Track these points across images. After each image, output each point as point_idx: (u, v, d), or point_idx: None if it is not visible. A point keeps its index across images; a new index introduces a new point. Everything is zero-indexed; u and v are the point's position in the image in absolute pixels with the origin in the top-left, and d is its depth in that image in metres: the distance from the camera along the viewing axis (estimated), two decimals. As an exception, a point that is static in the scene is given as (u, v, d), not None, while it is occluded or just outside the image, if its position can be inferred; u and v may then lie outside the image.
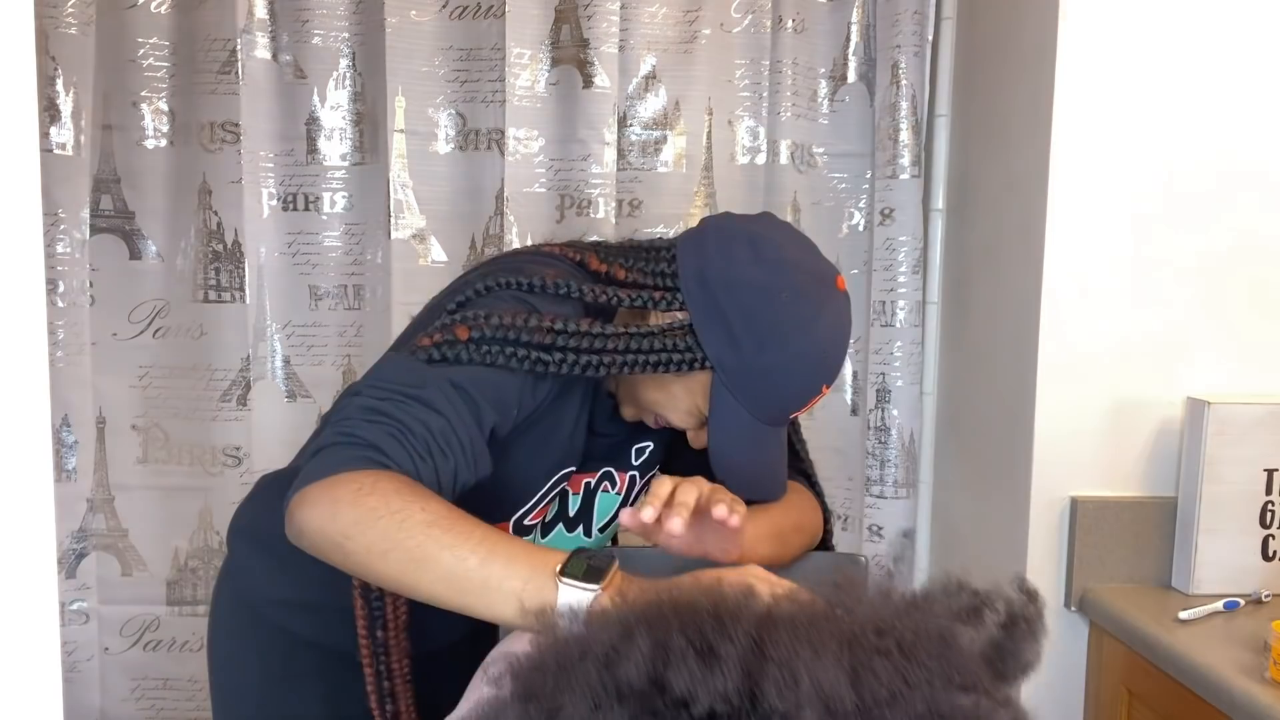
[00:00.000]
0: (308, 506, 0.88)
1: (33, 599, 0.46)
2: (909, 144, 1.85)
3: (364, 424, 0.91)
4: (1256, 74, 1.51)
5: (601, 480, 1.19)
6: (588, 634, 0.55)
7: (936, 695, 0.51)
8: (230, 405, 1.80)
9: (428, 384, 0.95)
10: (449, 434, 0.93)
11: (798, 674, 0.49)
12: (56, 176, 1.69)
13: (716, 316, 1.04)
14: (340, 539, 0.86)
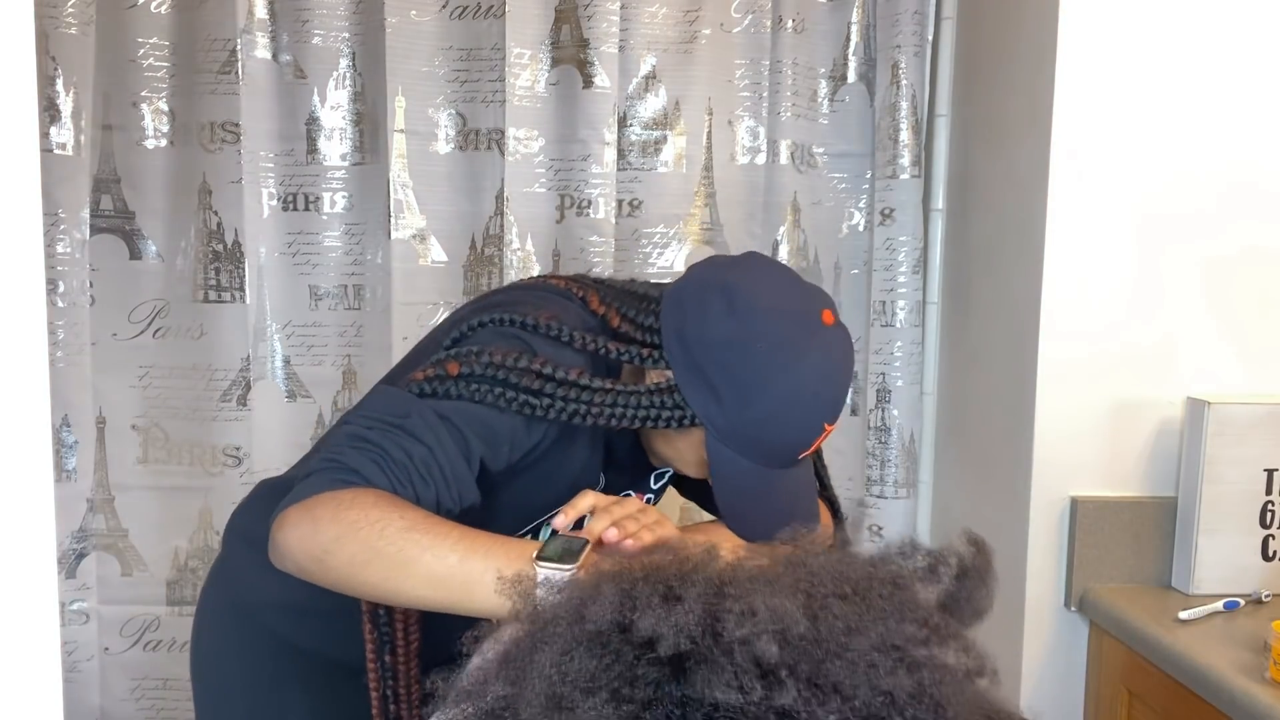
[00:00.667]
0: (288, 528, 0.90)
1: (33, 599, 0.46)
2: (909, 144, 1.85)
3: (348, 450, 0.93)
4: (1255, 74, 1.51)
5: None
6: (560, 598, 0.58)
7: (890, 627, 0.53)
8: (230, 405, 1.80)
9: (413, 414, 0.96)
10: (430, 463, 0.94)
11: (755, 605, 0.52)
12: (56, 176, 1.69)
13: (697, 374, 1.03)
14: (321, 554, 0.87)
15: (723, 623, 0.52)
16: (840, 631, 0.52)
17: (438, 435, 0.96)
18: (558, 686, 0.53)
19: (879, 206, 1.89)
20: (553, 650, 0.55)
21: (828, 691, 0.50)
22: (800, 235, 1.93)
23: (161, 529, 1.82)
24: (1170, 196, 1.52)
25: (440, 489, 0.95)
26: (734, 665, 0.50)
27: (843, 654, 0.52)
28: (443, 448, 0.95)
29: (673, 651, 0.51)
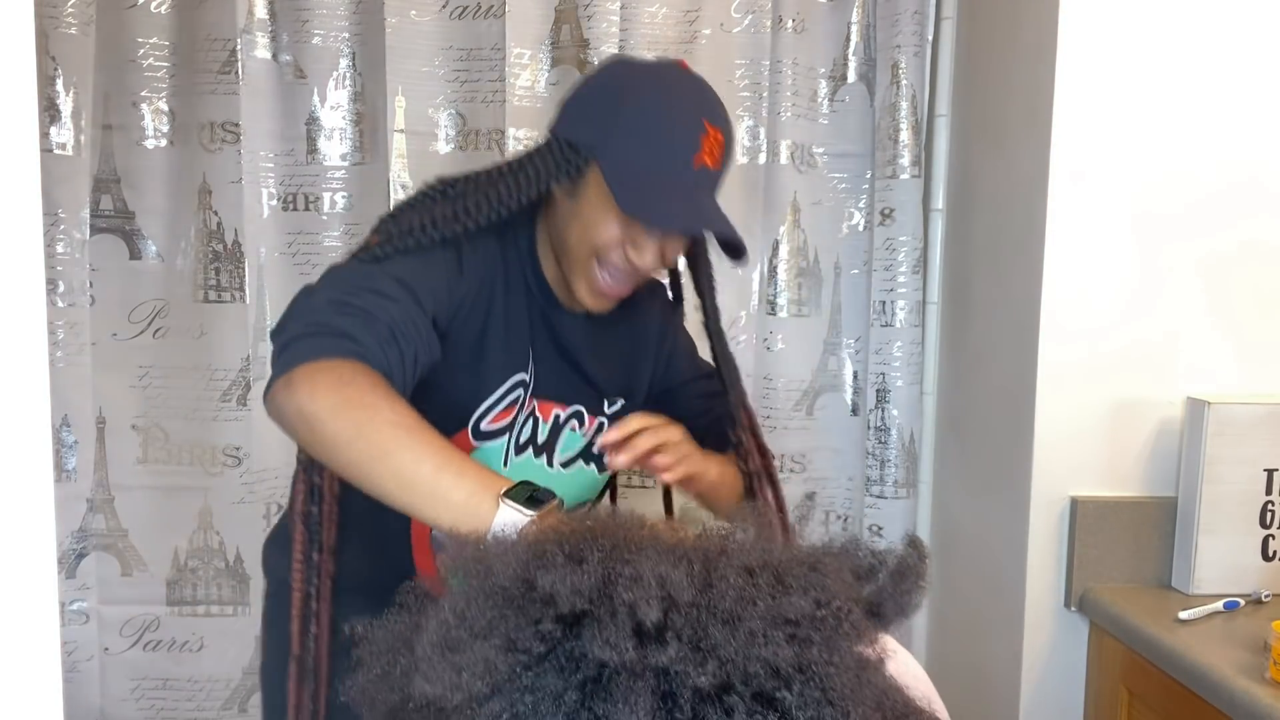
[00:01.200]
0: (291, 388, 0.93)
1: (33, 599, 0.46)
2: (909, 144, 1.85)
3: (333, 315, 0.98)
4: (1255, 73, 1.51)
5: (571, 418, 1.22)
6: (483, 553, 0.61)
7: (788, 602, 0.56)
8: (230, 405, 1.80)
9: (377, 278, 1.02)
10: (406, 321, 1.00)
11: (643, 571, 0.55)
12: (56, 176, 1.69)
13: (572, 114, 1.13)
14: (313, 420, 0.91)
15: (614, 586, 0.55)
16: (731, 600, 0.55)
17: (404, 295, 1.02)
18: (453, 630, 0.56)
19: (879, 206, 1.89)
20: (457, 595, 0.58)
21: (707, 654, 0.53)
22: (800, 235, 1.93)
23: (161, 529, 1.82)
24: (1170, 196, 1.52)
25: (418, 345, 1.01)
26: (617, 625, 0.53)
27: (729, 621, 0.54)
28: (412, 305, 1.02)
29: (569, 609, 0.54)
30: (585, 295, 1.16)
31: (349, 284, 1.02)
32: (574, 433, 1.23)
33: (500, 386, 1.15)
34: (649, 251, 1.12)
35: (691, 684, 0.52)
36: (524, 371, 1.17)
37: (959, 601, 1.83)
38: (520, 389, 1.17)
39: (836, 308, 1.96)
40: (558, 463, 1.22)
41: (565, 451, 1.23)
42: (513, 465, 1.18)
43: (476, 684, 0.54)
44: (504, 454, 1.17)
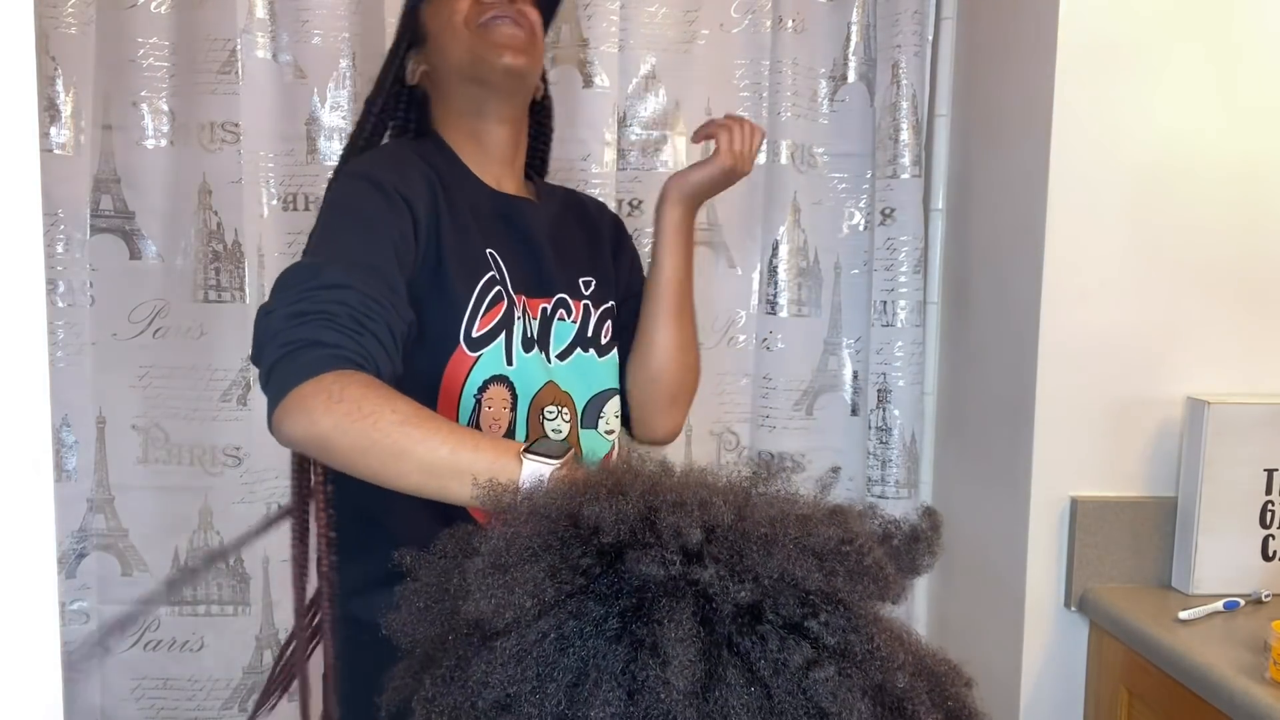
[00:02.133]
0: (288, 420, 0.95)
1: (33, 599, 0.46)
2: (909, 144, 1.85)
3: (295, 328, 0.98)
4: (1256, 73, 1.51)
5: (557, 308, 1.24)
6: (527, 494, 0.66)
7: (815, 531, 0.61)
8: (230, 405, 1.80)
9: (323, 270, 1.03)
10: (365, 301, 1.01)
11: (686, 498, 0.60)
12: (56, 176, 1.69)
13: None
14: (323, 442, 0.94)
15: (657, 512, 0.59)
16: (765, 526, 0.59)
17: (355, 274, 1.03)
18: (504, 554, 0.60)
19: (879, 206, 1.88)
20: (506, 527, 0.61)
21: (743, 575, 0.57)
22: (800, 235, 1.93)
23: (161, 529, 1.82)
24: (1170, 196, 1.52)
25: (387, 317, 1.02)
26: (661, 544, 0.57)
27: (763, 544, 0.58)
28: (365, 282, 1.03)
29: (613, 538, 0.58)
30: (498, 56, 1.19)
31: (298, 289, 1.02)
32: (563, 322, 1.25)
33: (471, 293, 1.16)
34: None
35: (730, 601, 0.56)
36: (490, 270, 1.18)
37: (959, 601, 1.83)
38: (498, 286, 1.18)
39: (836, 307, 1.96)
40: (554, 356, 1.23)
41: (560, 342, 1.24)
42: (519, 362, 1.18)
43: (526, 602, 0.57)
44: (505, 354, 1.17)
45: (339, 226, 1.10)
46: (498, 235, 1.21)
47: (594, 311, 1.28)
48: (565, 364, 1.24)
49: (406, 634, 0.65)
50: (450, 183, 1.21)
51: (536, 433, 1.19)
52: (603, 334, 1.29)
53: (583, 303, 1.27)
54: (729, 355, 1.92)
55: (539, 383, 1.19)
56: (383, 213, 1.10)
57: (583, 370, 1.25)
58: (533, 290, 1.22)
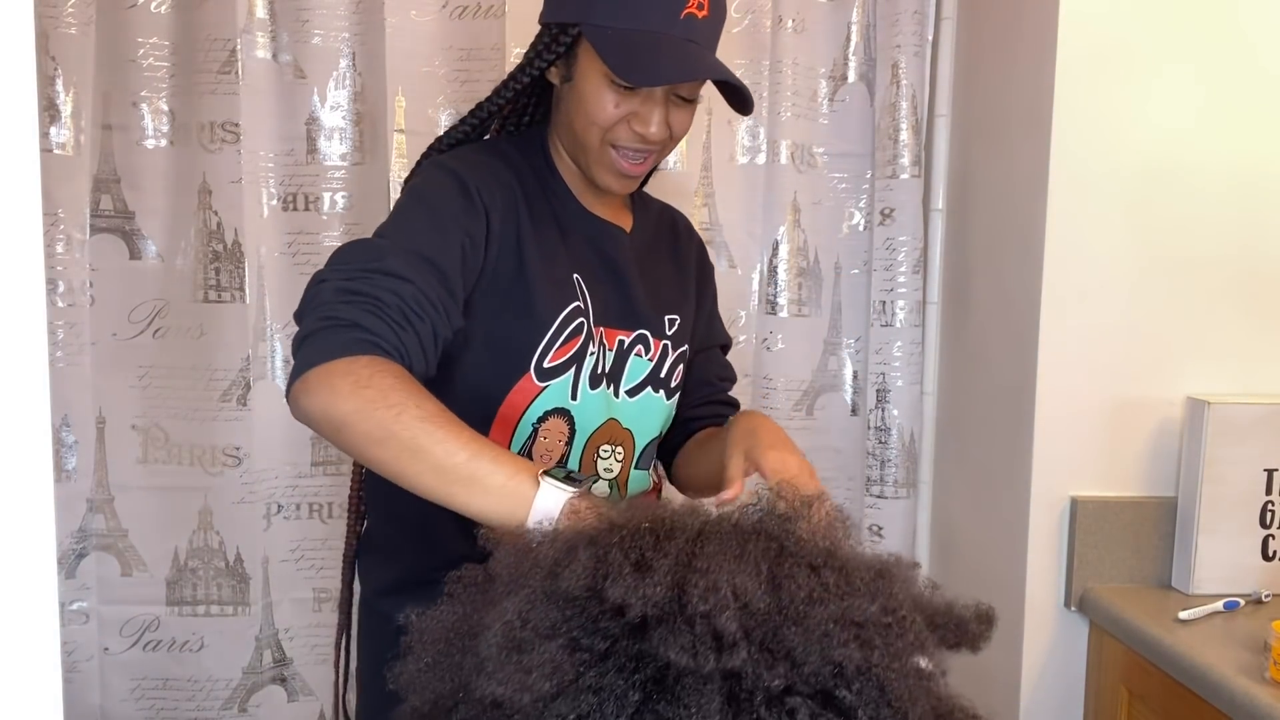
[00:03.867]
0: (310, 394, 0.93)
1: (33, 599, 0.46)
2: (909, 144, 1.85)
3: (341, 305, 0.96)
4: (1256, 73, 1.51)
5: (636, 343, 1.20)
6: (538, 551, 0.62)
7: (855, 605, 0.57)
8: (230, 405, 1.80)
9: (387, 255, 1.00)
10: (419, 298, 0.99)
11: (719, 581, 0.55)
12: (56, 176, 1.69)
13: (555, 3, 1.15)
14: (340, 424, 0.92)
15: (688, 595, 0.55)
16: (801, 600, 0.56)
17: (417, 269, 1.00)
18: (518, 631, 0.57)
19: (879, 206, 1.89)
20: (521, 598, 0.59)
21: (779, 657, 0.54)
22: (800, 235, 1.93)
23: (161, 529, 1.82)
24: (1170, 196, 1.52)
25: (435, 320, 1.00)
26: (694, 634, 0.54)
27: (800, 622, 0.55)
28: (424, 280, 1.00)
29: (640, 619, 0.55)
30: (607, 179, 1.15)
31: (355, 267, 1.00)
32: (640, 359, 1.21)
33: (554, 319, 1.12)
34: (653, 120, 1.10)
35: (763, 685, 0.53)
36: (576, 300, 1.15)
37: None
38: (581, 318, 1.14)
39: (836, 308, 1.96)
40: (624, 391, 1.19)
41: (632, 379, 1.20)
42: (584, 397, 1.15)
43: (543, 684, 0.55)
44: (571, 388, 1.14)
45: (414, 216, 1.08)
46: (585, 260, 1.18)
47: (671, 353, 1.24)
48: (634, 401, 1.20)
49: (412, 687, 0.63)
50: (542, 195, 1.17)
51: (589, 470, 1.17)
52: (674, 377, 1.25)
53: (663, 342, 1.23)
54: (729, 355, 1.92)
55: (599, 420, 1.16)
56: (459, 214, 1.08)
57: (649, 411, 1.22)
58: (614, 321, 1.18)
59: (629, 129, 1.11)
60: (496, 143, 1.22)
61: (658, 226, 1.31)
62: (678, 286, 1.29)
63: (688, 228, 1.37)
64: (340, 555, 1.36)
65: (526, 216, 1.13)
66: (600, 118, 1.10)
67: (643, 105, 1.10)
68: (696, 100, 1.15)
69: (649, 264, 1.24)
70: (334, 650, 1.34)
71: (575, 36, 1.10)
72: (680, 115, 1.14)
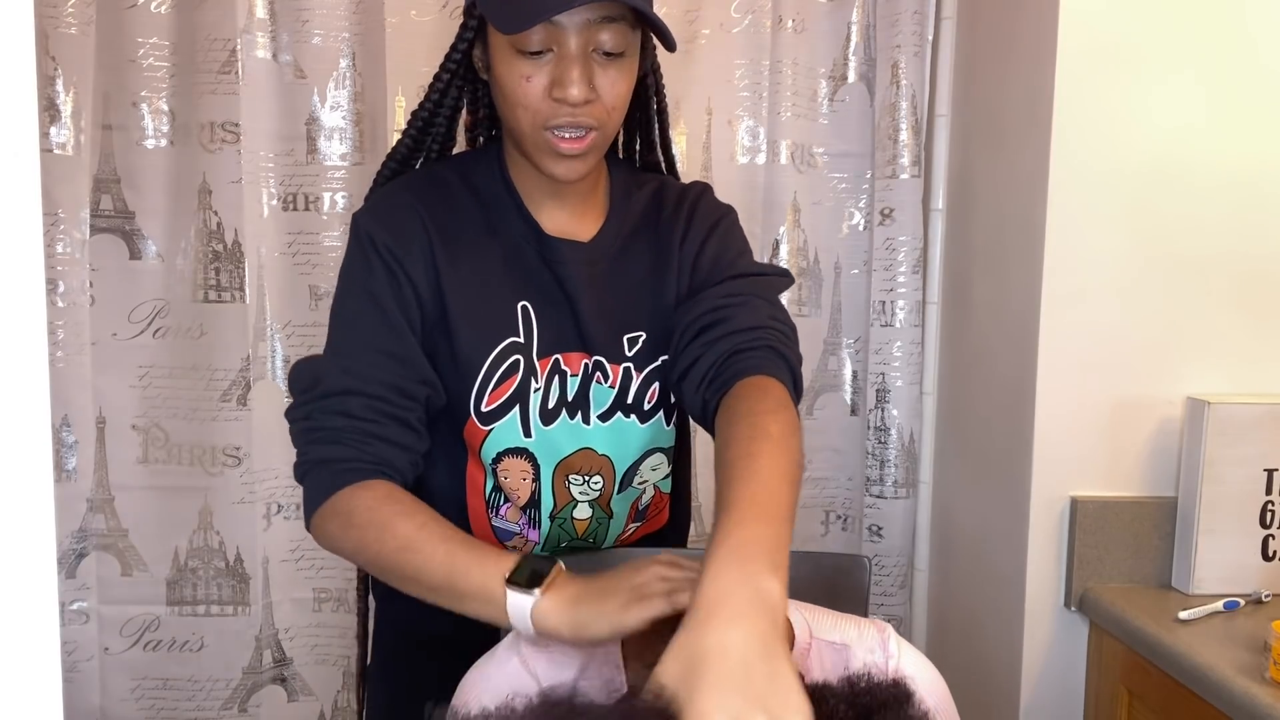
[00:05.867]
0: (318, 537, 1.04)
1: (33, 599, 0.46)
2: (909, 144, 1.85)
3: (309, 446, 1.04)
4: (1257, 73, 1.51)
5: (595, 370, 1.12)
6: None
7: None
8: (230, 405, 1.80)
9: (324, 376, 1.05)
10: (367, 405, 1.03)
11: None
12: (56, 176, 1.69)
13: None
14: (349, 556, 1.04)
15: None
16: None
17: (357, 373, 1.04)
18: None
19: (879, 206, 1.89)
20: None
21: None
22: (800, 235, 1.93)
23: (161, 529, 1.82)
24: (1169, 196, 1.52)
25: (396, 408, 1.04)
26: None
27: None
28: (366, 379, 1.03)
29: None
30: (552, 167, 1.05)
31: (304, 399, 1.05)
32: (600, 386, 1.13)
33: (483, 362, 1.08)
34: (570, 80, 0.99)
35: None
36: (513, 334, 1.09)
37: (959, 601, 1.83)
38: (516, 354, 1.09)
39: (836, 308, 1.96)
40: (595, 417, 1.13)
41: (599, 406, 1.13)
42: (538, 434, 1.11)
43: None
44: (520, 426, 1.10)
45: (345, 302, 1.10)
46: (536, 285, 1.11)
47: (635, 376, 1.13)
48: (607, 425, 1.14)
49: None
50: (479, 222, 1.11)
51: (563, 500, 1.15)
52: (645, 399, 1.14)
53: (622, 366, 1.13)
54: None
55: (565, 451, 1.12)
56: (383, 283, 1.07)
57: (623, 435, 1.15)
58: (572, 345, 1.11)
59: (554, 103, 1.01)
60: (435, 171, 1.15)
61: (643, 216, 1.17)
62: (650, 291, 1.15)
63: (679, 196, 1.19)
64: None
65: (446, 258, 1.08)
66: (521, 96, 1.02)
67: (557, 68, 1.00)
68: (625, 56, 1.03)
69: (615, 275, 1.13)
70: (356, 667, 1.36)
71: (479, 18, 1.07)
72: (608, 74, 1.02)
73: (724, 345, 1.05)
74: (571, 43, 1.00)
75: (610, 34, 1.01)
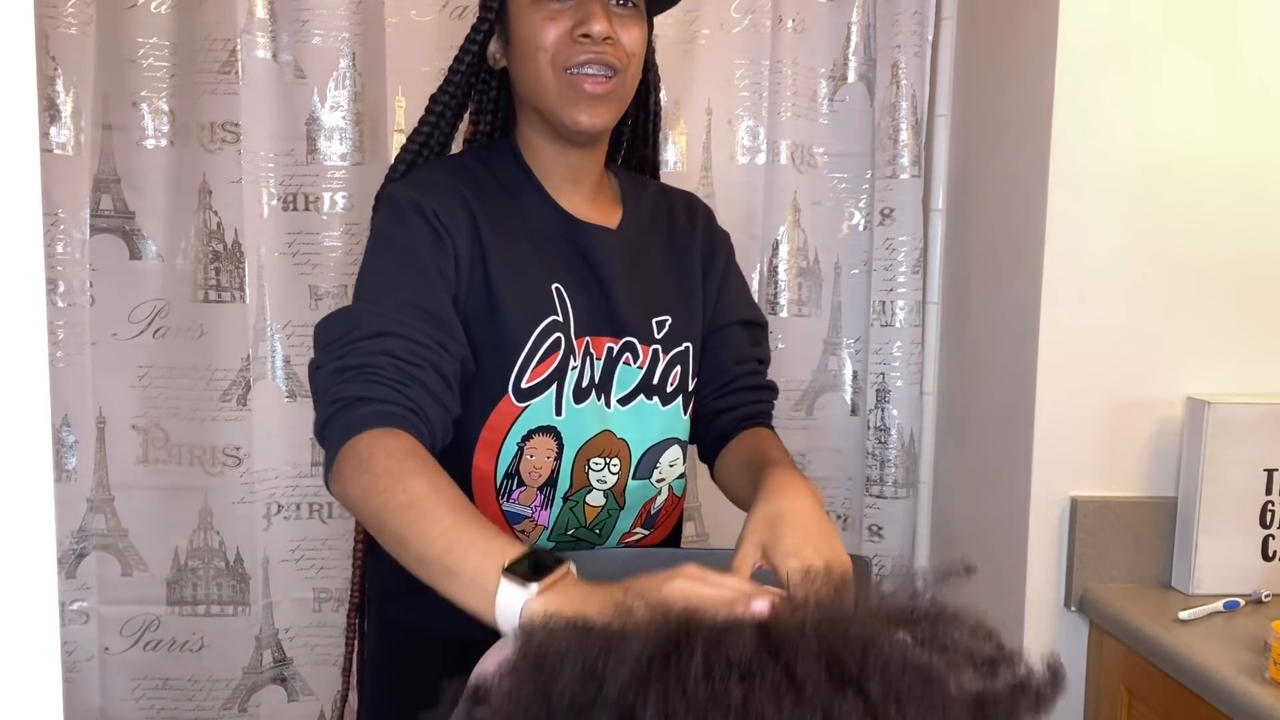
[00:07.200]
0: (333, 480, 0.97)
1: (33, 599, 0.46)
2: (909, 144, 1.85)
3: (340, 385, 0.98)
4: (1256, 73, 1.51)
5: (624, 350, 1.16)
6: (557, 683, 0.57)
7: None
8: (230, 405, 1.80)
9: (364, 319, 1.01)
10: (410, 348, 1.00)
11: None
12: (56, 176, 1.69)
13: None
14: (353, 509, 0.96)
15: None
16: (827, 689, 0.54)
17: (398, 320, 1.01)
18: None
19: (879, 206, 1.89)
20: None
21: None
22: (800, 235, 1.93)
23: (161, 529, 1.82)
24: (1169, 196, 1.52)
25: (434, 360, 1.01)
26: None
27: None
28: (408, 327, 1.01)
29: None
30: (576, 114, 1.10)
31: (341, 341, 1.01)
32: (628, 367, 1.16)
33: (528, 338, 1.10)
34: (594, 18, 1.08)
35: None
36: (553, 313, 1.12)
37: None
38: (558, 332, 1.11)
39: (836, 308, 1.96)
40: (615, 401, 1.16)
41: (622, 388, 1.16)
42: (569, 412, 1.13)
43: None
44: (554, 405, 1.12)
45: (385, 262, 1.07)
46: (567, 268, 1.14)
47: (663, 357, 1.19)
48: (626, 410, 1.17)
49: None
50: (510, 207, 1.14)
51: (580, 484, 1.14)
52: (669, 381, 1.19)
53: (652, 348, 1.18)
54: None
55: (589, 433, 1.14)
56: (426, 244, 1.06)
57: (644, 418, 1.18)
58: (601, 329, 1.15)
59: (575, 44, 1.08)
60: (456, 158, 1.20)
61: (653, 214, 1.25)
62: (673, 279, 1.23)
63: (689, 205, 1.30)
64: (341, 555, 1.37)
65: (489, 232, 1.10)
66: (544, 40, 1.09)
67: (578, 11, 1.08)
68: (637, 7, 1.13)
69: (640, 262, 1.20)
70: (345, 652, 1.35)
71: (500, 4, 1.13)
72: (625, 24, 1.11)
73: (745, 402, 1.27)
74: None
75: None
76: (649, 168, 1.32)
